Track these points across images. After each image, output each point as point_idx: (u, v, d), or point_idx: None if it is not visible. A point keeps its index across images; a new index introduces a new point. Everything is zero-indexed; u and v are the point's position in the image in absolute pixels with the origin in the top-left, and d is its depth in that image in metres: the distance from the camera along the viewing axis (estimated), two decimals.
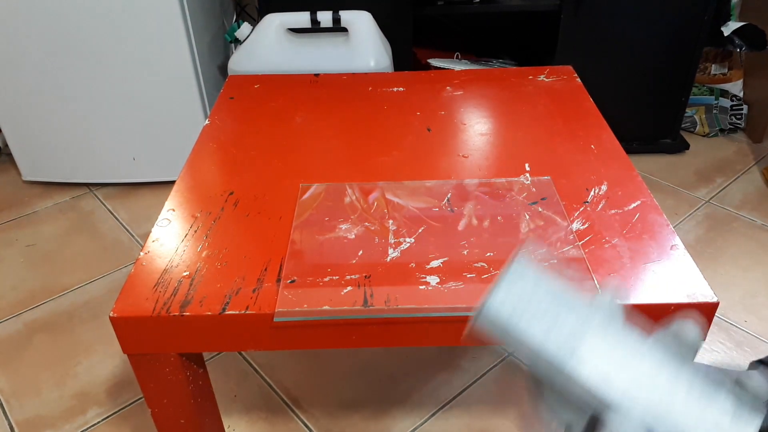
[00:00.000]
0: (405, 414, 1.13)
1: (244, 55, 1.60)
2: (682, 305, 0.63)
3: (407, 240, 0.72)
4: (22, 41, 1.54)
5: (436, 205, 0.78)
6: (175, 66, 1.59)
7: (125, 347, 0.67)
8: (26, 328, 1.35)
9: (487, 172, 0.85)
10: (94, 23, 1.51)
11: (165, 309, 0.64)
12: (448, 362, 1.23)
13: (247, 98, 1.08)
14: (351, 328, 0.65)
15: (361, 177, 0.85)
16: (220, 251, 0.72)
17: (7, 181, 1.86)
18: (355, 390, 1.18)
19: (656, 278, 0.66)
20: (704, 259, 1.48)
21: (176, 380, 0.70)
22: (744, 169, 1.83)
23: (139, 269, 0.70)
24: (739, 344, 1.25)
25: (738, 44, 1.75)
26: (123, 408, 1.17)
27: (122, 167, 1.75)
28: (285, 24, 1.58)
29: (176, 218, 0.78)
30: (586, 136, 0.92)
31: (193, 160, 0.91)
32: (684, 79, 1.73)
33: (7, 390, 1.21)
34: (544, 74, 1.12)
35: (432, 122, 0.98)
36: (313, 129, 0.98)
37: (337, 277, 0.67)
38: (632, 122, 1.82)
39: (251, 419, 1.13)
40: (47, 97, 1.63)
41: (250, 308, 0.64)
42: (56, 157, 1.75)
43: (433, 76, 1.14)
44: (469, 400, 1.16)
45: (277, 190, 0.82)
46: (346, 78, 1.14)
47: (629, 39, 1.67)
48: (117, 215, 1.70)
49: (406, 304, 0.63)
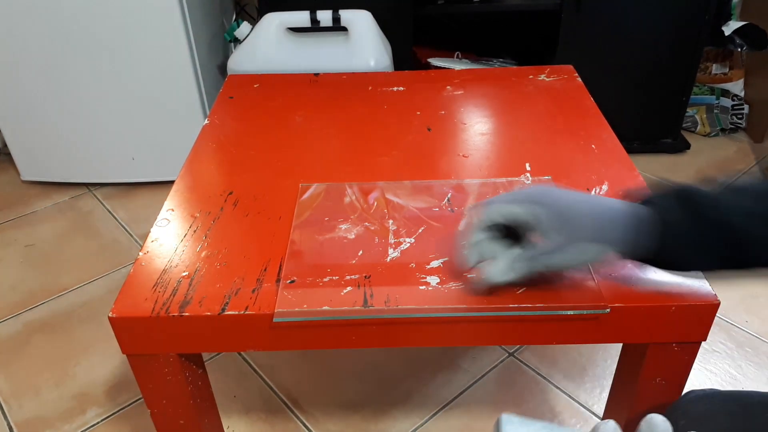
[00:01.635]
0: (405, 414, 1.13)
1: (244, 54, 1.60)
2: (682, 305, 0.63)
3: (407, 240, 0.72)
4: (22, 41, 1.54)
5: (436, 205, 0.78)
6: (175, 65, 1.59)
7: (124, 347, 0.66)
8: (25, 329, 1.34)
9: (487, 171, 0.85)
10: (94, 23, 1.51)
11: (164, 309, 0.64)
12: (448, 362, 1.23)
13: (247, 98, 1.08)
14: (351, 329, 0.65)
15: (361, 177, 0.84)
16: (219, 251, 0.71)
17: (6, 181, 1.86)
18: (355, 390, 1.18)
19: (657, 278, 0.65)
20: None
21: (175, 381, 0.70)
22: (745, 168, 1.83)
23: (138, 269, 0.69)
24: (739, 345, 1.25)
25: (739, 44, 1.75)
26: (122, 408, 1.16)
27: (121, 167, 1.75)
28: (285, 23, 1.57)
29: (175, 218, 0.78)
30: (586, 136, 0.92)
31: (192, 160, 0.91)
32: (685, 79, 1.73)
33: (6, 390, 1.20)
34: (545, 74, 1.12)
35: (432, 122, 0.98)
36: (313, 129, 0.97)
37: (336, 277, 0.67)
38: (633, 122, 1.82)
39: (251, 419, 1.13)
40: (46, 97, 1.63)
41: (249, 308, 0.64)
42: (55, 157, 1.74)
43: (433, 75, 1.14)
44: (469, 400, 1.15)
45: (277, 190, 0.82)
46: (346, 77, 1.14)
47: (630, 38, 1.67)
48: (116, 215, 1.70)
49: (406, 305, 0.63)
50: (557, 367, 1.21)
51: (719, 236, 0.53)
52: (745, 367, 1.20)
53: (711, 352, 1.23)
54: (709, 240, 0.53)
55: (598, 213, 0.56)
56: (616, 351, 0.79)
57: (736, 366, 1.20)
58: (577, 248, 0.56)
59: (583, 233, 0.56)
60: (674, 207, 0.54)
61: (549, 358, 1.23)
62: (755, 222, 0.52)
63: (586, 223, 0.56)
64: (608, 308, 0.62)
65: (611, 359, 1.21)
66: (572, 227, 0.56)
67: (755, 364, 1.20)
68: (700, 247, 0.53)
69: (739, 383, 1.17)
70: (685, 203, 0.54)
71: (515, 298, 0.63)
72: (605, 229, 0.55)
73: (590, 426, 0.94)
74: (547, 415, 1.12)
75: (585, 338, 0.65)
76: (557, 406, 1.14)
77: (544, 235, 0.57)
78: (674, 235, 0.54)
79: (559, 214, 0.56)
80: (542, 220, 0.57)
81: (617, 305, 0.62)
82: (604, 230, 0.55)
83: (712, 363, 1.20)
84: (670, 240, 0.54)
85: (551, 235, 0.56)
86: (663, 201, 0.55)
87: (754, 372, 1.19)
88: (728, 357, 1.22)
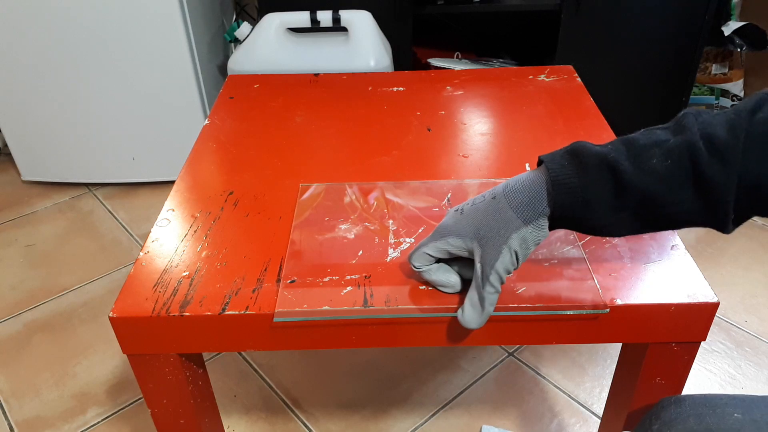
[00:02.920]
0: (405, 414, 1.13)
1: (244, 54, 1.60)
2: (682, 305, 0.63)
3: (407, 240, 0.72)
4: (22, 41, 1.54)
5: (436, 205, 0.78)
6: (175, 65, 1.59)
7: (125, 347, 0.66)
8: (26, 329, 1.35)
9: (487, 172, 0.85)
10: (94, 23, 1.51)
11: (165, 309, 0.64)
12: (448, 362, 1.23)
13: (247, 98, 1.08)
14: (351, 328, 0.65)
15: (361, 177, 0.85)
16: (219, 251, 0.72)
17: (6, 181, 1.86)
18: (355, 390, 1.18)
19: (656, 278, 0.66)
20: (705, 259, 1.47)
21: (176, 380, 0.70)
22: None
23: (138, 269, 0.69)
24: (739, 344, 1.25)
25: (738, 44, 1.75)
26: (123, 408, 1.16)
27: (122, 167, 1.75)
28: (285, 23, 1.57)
29: (176, 218, 0.78)
30: (586, 136, 0.92)
31: (192, 160, 0.91)
32: (684, 79, 1.73)
33: (7, 390, 1.20)
34: (545, 74, 1.12)
35: (432, 122, 0.98)
36: (313, 129, 0.98)
37: (337, 277, 0.67)
38: (633, 122, 1.82)
39: (251, 419, 1.13)
40: (46, 97, 1.63)
41: (249, 308, 0.64)
42: (55, 157, 1.75)
43: (433, 75, 1.14)
44: (469, 400, 1.15)
45: (277, 190, 0.82)
46: (346, 78, 1.14)
47: (630, 38, 1.67)
48: (116, 215, 1.70)
49: (406, 305, 0.63)
50: (557, 366, 1.21)
51: (611, 188, 0.53)
52: (744, 366, 1.20)
53: (710, 352, 1.23)
54: (601, 192, 0.53)
55: (495, 210, 0.57)
56: (616, 351, 0.80)
57: (735, 366, 1.20)
58: (503, 250, 0.56)
59: (496, 235, 0.57)
60: (565, 163, 0.55)
61: (549, 357, 1.23)
62: (642, 171, 0.52)
63: (494, 224, 0.57)
64: (608, 308, 0.62)
65: (611, 359, 1.22)
66: (487, 236, 0.57)
67: (755, 364, 1.20)
68: (598, 202, 0.53)
69: (739, 383, 1.17)
70: (572, 154, 0.55)
71: (515, 298, 0.63)
72: (510, 220, 0.56)
73: (590, 426, 0.95)
74: (547, 414, 1.12)
75: (585, 338, 0.65)
76: (557, 405, 1.14)
77: (470, 253, 0.59)
78: (565, 189, 0.54)
79: (474, 231, 0.58)
80: (461, 246, 0.59)
81: (617, 305, 0.63)
82: (510, 220, 0.56)
83: (712, 363, 1.21)
84: (562, 194, 0.54)
85: (475, 251, 0.58)
86: (553, 160, 0.56)
87: (754, 372, 1.19)
88: (728, 357, 1.22)
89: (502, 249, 0.56)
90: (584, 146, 0.55)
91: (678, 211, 0.53)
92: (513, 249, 0.56)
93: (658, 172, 0.51)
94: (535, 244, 0.57)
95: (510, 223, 0.56)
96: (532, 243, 0.57)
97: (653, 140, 0.53)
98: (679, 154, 0.51)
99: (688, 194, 0.51)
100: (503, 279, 0.58)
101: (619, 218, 0.54)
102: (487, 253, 0.57)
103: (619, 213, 0.54)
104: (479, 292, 0.58)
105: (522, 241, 0.56)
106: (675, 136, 0.53)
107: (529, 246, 0.57)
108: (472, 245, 0.58)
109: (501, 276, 0.57)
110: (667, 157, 0.52)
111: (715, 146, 0.50)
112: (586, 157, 0.54)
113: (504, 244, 0.56)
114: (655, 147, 0.53)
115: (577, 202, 0.54)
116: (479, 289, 0.58)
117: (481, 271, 0.58)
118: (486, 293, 0.58)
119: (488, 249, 0.57)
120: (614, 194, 0.53)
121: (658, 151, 0.52)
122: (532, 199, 0.55)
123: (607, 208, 0.53)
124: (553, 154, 0.56)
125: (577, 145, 0.56)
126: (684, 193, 0.51)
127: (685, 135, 0.52)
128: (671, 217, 0.53)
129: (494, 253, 0.57)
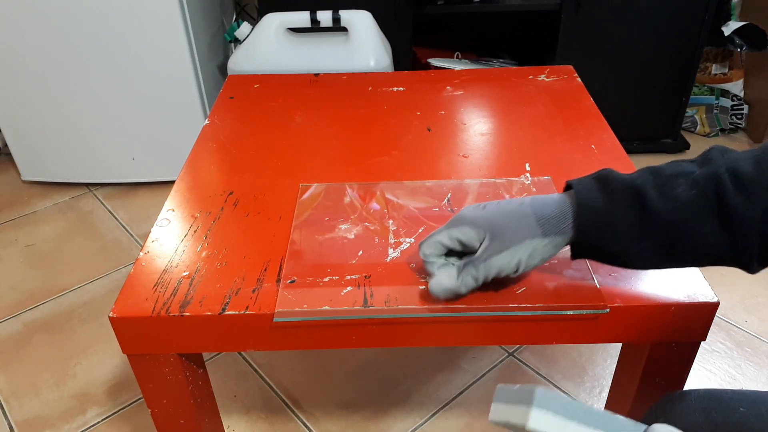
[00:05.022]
0: (405, 414, 1.13)
1: (244, 54, 1.60)
2: (682, 305, 0.63)
3: (407, 240, 0.72)
4: (22, 42, 1.54)
5: (436, 205, 0.78)
6: (175, 66, 1.59)
7: (125, 347, 0.66)
8: (26, 329, 1.34)
9: (487, 171, 0.85)
10: (94, 23, 1.51)
11: (165, 309, 0.64)
12: (448, 362, 1.23)
13: (247, 98, 1.08)
14: (351, 329, 0.65)
15: (361, 177, 0.85)
16: (219, 251, 0.72)
17: (6, 181, 1.86)
18: (355, 390, 1.18)
19: (656, 278, 0.66)
20: None
21: (176, 380, 0.70)
22: None
23: (138, 269, 0.69)
24: (739, 344, 1.25)
25: (738, 44, 1.75)
26: (123, 408, 1.16)
27: (122, 167, 1.75)
28: (285, 23, 1.57)
29: (176, 218, 0.78)
30: (586, 136, 0.92)
31: (192, 160, 0.91)
32: (684, 79, 1.73)
33: (7, 390, 1.20)
34: (545, 74, 1.12)
35: (432, 122, 0.98)
36: (312, 129, 0.98)
37: (337, 277, 0.67)
38: (633, 122, 1.82)
39: (251, 419, 1.13)
40: (46, 97, 1.63)
41: (249, 308, 0.64)
42: (55, 157, 1.74)
43: (433, 75, 1.14)
44: (469, 400, 1.15)
45: (277, 190, 0.82)
46: (346, 78, 1.14)
47: (630, 38, 1.67)
48: (116, 215, 1.70)
49: (406, 305, 0.63)
50: (557, 366, 1.21)
51: (635, 214, 0.53)
52: (744, 366, 1.20)
53: (710, 352, 1.23)
54: (626, 218, 0.53)
55: (519, 214, 0.58)
56: (616, 351, 0.80)
57: (735, 366, 1.20)
58: (509, 250, 0.57)
59: (512, 235, 0.57)
60: (592, 187, 0.56)
61: (549, 357, 1.23)
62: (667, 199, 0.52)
63: (512, 225, 0.57)
64: (608, 308, 0.62)
65: (611, 359, 1.22)
66: (501, 233, 0.58)
67: (755, 364, 1.20)
68: (622, 227, 0.54)
69: (739, 383, 1.17)
70: (599, 180, 0.56)
71: (515, 298, 0.63)
72: (530, 227, 0.57)
73: None
74: None
75: (585, 338, 0.65)
76: None
77: (482, 245, 0.59)
78: (590, 211, 0.55)
79: (490, 225, 0.59)
80: (473, 237, 0.59)
81: (617, 305, 0.63)
82: (530, 228, 0.57)
83: (712, 363, 1.21)
84: (587, 217, 0.55)
85: (484, 242, 0.58)
86: (581, 183, 0.57)
87: (754, 372, 1.19)
88: (728, 357, 1.22)
89: (509, 249, 0.57)
90: (611, 173, 0.56)
91: (702, 244, 0.53)
92: (519, 255, 0.57)
93: (683, 201, 0.52)
94: (541, 260, 0.58)
95: (529, 230, 0.57)
96: (539, 257, 0.58)
97: (679, 171, 0.54)
98: (705, 184, 0.52)
99: (713, 226, 0.52)
100: (490, 276, 0.59)
101: (642, 247, 0.54)
102: (493, 246, 0.58)
103: (642, 242, 0.54)
104: (465, 270, 0.59)
105: (532, 250, 0.57)
106: (701, 168, 0.54)
107: (536, 259, 0.58)
108: (484, 236, 0.59)
109: (491, 271, 0.58)
110: (692, 187, 0.52)
111: (740, 179, 0.50)
112: (613, 182, 0.55)
113: (513, 246, 0.57)
114: (681, 177, 0.53)
115: (601, 226, 0.54)
116: (466, 267, 0.59)
117: (477, 256, 0.58)
118: (465, 274, 0.59)
119: (496, 243, 0.57)
120: (639, 220, 0.53)
121: (684, 181, 0.53)
122: (557, 217, 0.56)
123: (631, 235, 0.54)
124: (581, 179, 0.57)
125: (605, 171, 0.56)
126: (708, 225, 0.52)
127: (710, 167, 0.52)
128: (695, 250, 0.53)
129: (500, 249, 0.57)
